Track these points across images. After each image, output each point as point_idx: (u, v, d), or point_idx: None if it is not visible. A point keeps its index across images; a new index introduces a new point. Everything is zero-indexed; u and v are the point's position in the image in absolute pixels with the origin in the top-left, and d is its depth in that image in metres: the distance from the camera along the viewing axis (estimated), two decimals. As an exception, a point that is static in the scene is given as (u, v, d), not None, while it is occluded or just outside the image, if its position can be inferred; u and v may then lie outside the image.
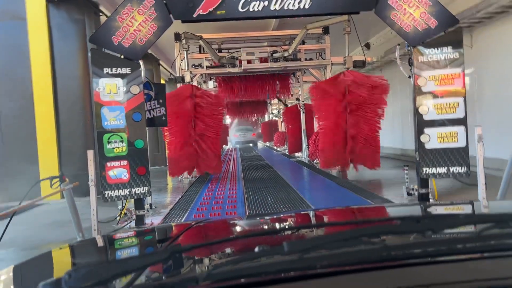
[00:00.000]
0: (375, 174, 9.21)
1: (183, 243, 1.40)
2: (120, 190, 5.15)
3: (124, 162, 5.16)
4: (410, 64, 5.60)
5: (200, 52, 11.56)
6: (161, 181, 10.80)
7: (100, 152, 5.09)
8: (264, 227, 1.69)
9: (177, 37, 10.41)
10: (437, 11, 5.26)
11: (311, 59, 11.36)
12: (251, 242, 1.25)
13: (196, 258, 1.18)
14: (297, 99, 15.50)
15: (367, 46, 14.02)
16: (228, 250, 1.25)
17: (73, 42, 8.09)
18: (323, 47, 10.91)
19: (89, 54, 5.14)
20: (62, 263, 1.39)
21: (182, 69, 10.43)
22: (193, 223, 1.63)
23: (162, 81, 18.44)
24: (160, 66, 16.15)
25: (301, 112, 14.51)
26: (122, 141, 5.14)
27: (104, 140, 5.09)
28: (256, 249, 0.91)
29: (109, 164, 5.11)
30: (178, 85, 10.43)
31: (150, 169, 6.83)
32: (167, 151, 9.88)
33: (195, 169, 9.72)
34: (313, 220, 1.73)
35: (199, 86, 11.46)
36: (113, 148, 5.11)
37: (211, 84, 14.72)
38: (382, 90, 8.66)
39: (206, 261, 1.16)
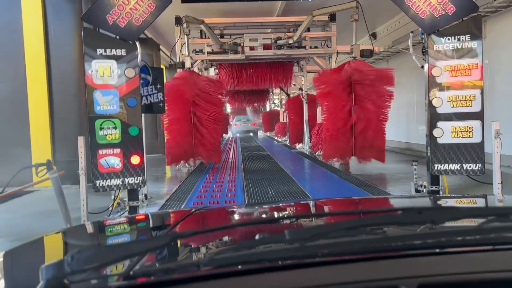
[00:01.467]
0: (379, 168, 8.92)
1: (185, 228, 1.39)
2: (113, 180, 4.85)
3: (117, 150, 4.85)
4: (424, 53, 5.26)
5: (201, 37, 11.18)
6: (158, 169, 10.51)
7: (91, 138, 4.78)
8: (265, 215, 1.66)
9: (178, 20, 10.05)
10: (455, -3, 4.90)
11: (316, 47, 11.00)
12: (252, 229, 1.26)
13: (197, 243, 1.17)
14: (300, 89, 15.18)
15: (374, 36, 13.63)
16: (229, 237, 1.24)
17: (69, 21, 7.70)
18: (329, 35, 10.54)
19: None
20: (57, 248, 1.35)
21: (182, 54, 10.07)
22: (193, 209, 1.61)
23: (163, 67, 18.05)
24: (161, 52, 15.73)
25: (304, 103, 14.22)
26: (115, 128, 4.82)
27: (96, 126, 4.78)
28: (258, 237, 0.91)
29: (101, 151, 4.80)
30: (178, 71, 10.07)
31: (148, 157, 6.50)
32: (165, 139, 9.56)
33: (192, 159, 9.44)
34: (314, 210, 1.72)
35: (199, 73, 11.10)
36: (106, 135, 4.80)
37: (212, 71, 14.38)
38: (388, 81, 8.33)
39: (208, 246, 1.15)
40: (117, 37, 4.86)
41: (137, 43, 5.42)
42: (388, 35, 12.92)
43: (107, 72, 4.77)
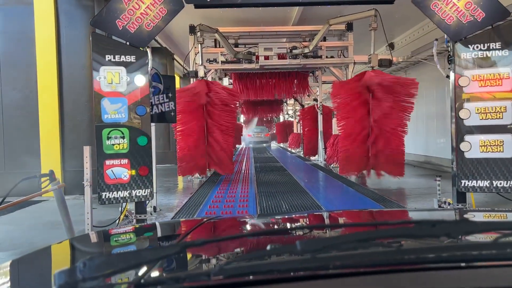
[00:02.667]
0: (397, 182, 8.57)
1: (196, 238, 1.38)
2: (119, 192, 4.63)
3: (125, 161, 4.63)
4: (450, 61, 4.95)
5: (215, 47, 11.03)
6: (170, 180, 10.30)
7: (98, 148, 4.57)
8: (277, 225, 1.66)
9: (192, 29, 9.92)
10: (485, 1, 4.60)
11: (332, 57, 10.75)
12: (263, 240, 1.26)
13: (208, 253, 1.16)
14: (315, 100, 14.91)
15: (391, 46, 13.32)
16: (240, 247, 1.24)
17: (81, 29, 7.58)
18: (345, 44, 10.28)
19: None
20: (64, 257, 1.33)
21: (196, 63, 9.91)
22: (205, 219, 1.60)
23: (177, 77, 17.97)
24: (175, 61, 15.62)
25: (319, 114, 13.94)
26: (123, 137, 4.61)
27: (103, 135, 4.57)
28: (269, 247, 0.93)
29: (107, 162, 4.58)
30: (192, 80, 9.92)
31: (160, 166, 6.26)
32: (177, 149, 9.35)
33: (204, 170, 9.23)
34: (326, 221, 1.72)
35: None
36: (113, 144, 4.59)
37: (226, 81, 14.22)
38: (409, 91, 8.01)
39: (219, 256, 1.15)
40: (127, 43, 4.67)
41: (149, 50, 5.24)
42: (406, 46, 12.60)
43: (115, 79, 4.57)
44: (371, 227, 1.32)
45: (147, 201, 4.90)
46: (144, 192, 4.71)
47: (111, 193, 4.59)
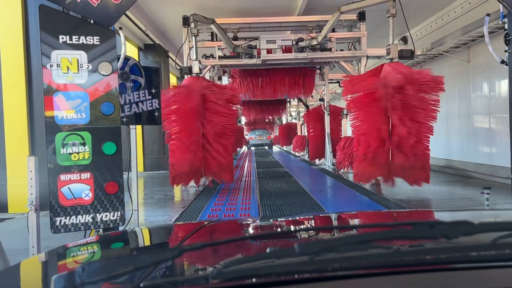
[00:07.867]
0: (418, 190, 7.44)
1: (195, 241, 1.37)
2: (79, 216, 3.50)
3: (87, 175, 3.51)
4: (508, 42, 3.83)
5: (212, 40, 9.94)
6: (162, 190, 9.20)
7: (50, 159, 3.46)
8: (276, 228, 1.62)
9: (185, 21, 8.83)
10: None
11: (342, 50, 9.64)
12: (262, 242, 1.28)
13: (207, 256, 1.15)
14: (321, 99, 13.82)
15: (404, 40, 12.22)
16: (239, 250, 1.22)
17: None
18: (358, 35, 9.17)
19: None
20: (36, 274, 1.21)
21: (190, 58, 8.82)
22: (206, 222, 1.60)
23: (172, 76, 16.88)
24: (171, 60, 14.53)
25: (326, 114, 12.84)
26: (84, 144, 3.50)
27: (56, 142, 3.46)
28: (268, 250, 0.92)
29: (63, 177, 3.46)
30: (186, 77, 8.82)
31: (154, 173, 5.22)
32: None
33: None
34: (324, 223, 1.70)
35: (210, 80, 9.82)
36: (70, 153, 3.47)
37: (225, 80, 13.15)
38: (434, 86, 6.89)
39: (217, 259, 1.14)
40: (90, 20, 3.57)
41: (121, 32, 4.15)
42: (423, 38, 11.47)
43: (73, 68, 3.48)
44: (370, 229, 1.30)
45: (118, 227, 3.77)
46: (113, 216, 3.59)
47: (68, 218, 3.47)
